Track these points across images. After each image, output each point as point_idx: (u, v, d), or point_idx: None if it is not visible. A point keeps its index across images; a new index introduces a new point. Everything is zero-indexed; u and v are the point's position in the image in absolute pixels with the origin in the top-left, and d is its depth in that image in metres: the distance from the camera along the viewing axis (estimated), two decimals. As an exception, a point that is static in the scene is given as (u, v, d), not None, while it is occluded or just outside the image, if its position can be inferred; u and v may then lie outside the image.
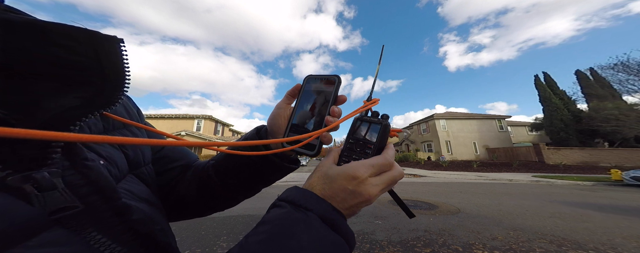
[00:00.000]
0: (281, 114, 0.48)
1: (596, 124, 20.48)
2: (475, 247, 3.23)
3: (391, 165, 0.36)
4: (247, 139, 0.49)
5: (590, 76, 25.19)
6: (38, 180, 0.22)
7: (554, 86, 26.21)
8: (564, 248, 3.19)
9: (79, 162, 0.26)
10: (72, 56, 0.23)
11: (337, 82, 0.45)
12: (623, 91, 21.95)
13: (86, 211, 0.25)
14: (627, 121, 19.08)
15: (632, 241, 3.42)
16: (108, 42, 0.25)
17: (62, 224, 0.23)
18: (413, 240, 3.46)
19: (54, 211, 0.23)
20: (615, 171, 11.09)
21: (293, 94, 0.49)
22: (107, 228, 0.27)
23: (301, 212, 0.30)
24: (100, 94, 0.26)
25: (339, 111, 0.43)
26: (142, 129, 0.45)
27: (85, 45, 0.24)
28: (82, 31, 0.23)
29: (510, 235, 3.71)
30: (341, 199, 0.33)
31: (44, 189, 0.22)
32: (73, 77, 0.24)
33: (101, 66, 0.25)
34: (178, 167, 0.53)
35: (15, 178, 0.21)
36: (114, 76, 0.26)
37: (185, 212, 0.53)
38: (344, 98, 0.46)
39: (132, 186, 0.36)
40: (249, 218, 4.60)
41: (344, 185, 0.33)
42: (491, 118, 28.19)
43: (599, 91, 22.95)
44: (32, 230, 0.21)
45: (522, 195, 7.48)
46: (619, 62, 21.32)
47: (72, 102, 0.24)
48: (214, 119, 25.84)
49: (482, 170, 18.22)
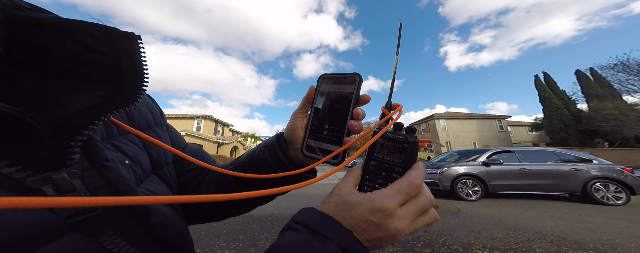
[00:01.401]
0: (297, 124, 0.46)
1: (596, 124, 20.50)
2: (475, 247, 3.23)
3: (418, 187, 0.29)
4: (268, 146, 0.49)
5: (590, 76, 25.21)
6: (57, 181, 0.21)
7: (554, 86, 26.23)
8: (564, 248, 3.19)
9: (98, 163, 0.26)
10: (91, 54, 0.22)
11: (358, 81, 0.40)
12: (623, 91, 22.00)
13: (104, 215, 0.24)
14: (627, 121, 19.10)
15: (632, 241, 3.42)
16: (126, 39, 0.25)
17: (79, 229, 0.23)
18: (413, 240, 3.47)
19: (72, 214, 0.22)
20: (615, 171, 11.07)
21: (309, 100, 0.45)
22: (126, 232, 0.26)
23: (319, 240, 0.27)
24: (119, 92, 0.25)
25: (363, 113, 0.39)
26: (164, 130, 0.46)
27: (103, 42, 0.23)
28: (101, 28, 0.23)
29: (510, 235, 3.72)
30: (362, 230, 0.29)
31: (63, 191, 0.21)
32: (92, 75, 0.23)
33: (119, 64, 0.24)
34: (195, 169, 0.53)
35: (34, 180, 0.20)
36: (132, 73, 0.26)
37: (203, 216, 0.52)
38: (367, 98, 0.40)
39: (154, 187, 0.36)
40: (249, 218, 4.60)
41: (366, 216, 0.29)
42: (491, 118, 28.21)
43: (599, 91, 22.97)
44: (49, 236, 0.20)
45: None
46: (619, 62, 21.36)
47: (91, 100, 0.23)
48: (214, 119, 25.85)
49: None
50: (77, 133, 0.23)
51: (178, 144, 0.52)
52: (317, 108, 0.44)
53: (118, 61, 0.24)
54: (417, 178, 0.30)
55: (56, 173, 0.21)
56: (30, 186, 0.20)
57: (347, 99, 0.40)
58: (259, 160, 0.48)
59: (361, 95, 0.40)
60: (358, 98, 0.40)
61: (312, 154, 0.42)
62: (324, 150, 0.41)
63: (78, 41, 0.21)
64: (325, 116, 0.42)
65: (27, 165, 0.20)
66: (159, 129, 0.44)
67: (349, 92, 0.40)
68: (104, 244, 0.24)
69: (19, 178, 0.20)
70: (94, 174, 0.25)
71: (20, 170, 0.20)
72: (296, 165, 0.47)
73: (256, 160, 0.49)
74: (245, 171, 0.49)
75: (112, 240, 0.24)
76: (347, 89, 0.40)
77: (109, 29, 0.23)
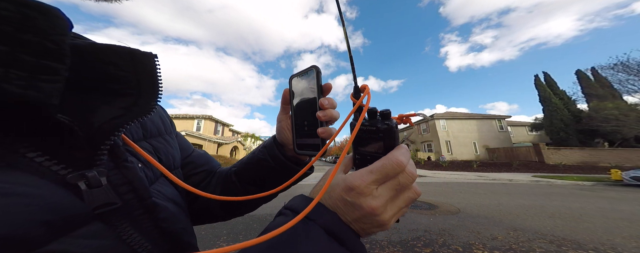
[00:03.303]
0: (283, 126, 0.50)
1: (596, 124, 20.48)
2: (475, 247, 3.23)
3: (398, 166, 0.29)
4: (266, 147, 0.53)
5: (590, 75, 25.20)
6: (89, 178, 0.25)
7: (554, 86, 26.22)
8: (564, 248, 3.19)
9: (120, 163, 0.30)
10: (118, 72, 0.27)
11: (315, 73, 0.41)
12: (623, 91, 21.96)
13: (123, 208, 0.28)
14: (627, 121, 19.09)
15: (632, 241, 3.42)
16: (145, 58, 0.29)
17: (102, 218, 0.26)
18: (413, 240, 3.46)
19: (98, 206, 0.26)
20: (615, 171, 11.10)
21: (286, 102, 0.48)
22: (138, 224, 0.29)
23: (303, 221, 0.29)
24: (136, 104, 0.29)
25: (330, 102, 0.40)
26: (173, 137, 0.51)
27: (127, 61, 0.28)
28: (125, 49, 0.28)
29: (510, 235, 3.72)
30: (343, 211, 0.30)
31: (93, 186, 0.25)
32: (118, 89, 0.28)
33: (138, 80, 0.29)
34: (202, 172, 0.57)
35: (73, 176, 0.24)
36: (148, 88, 0.30)
37: (211, 216, 0.56)
38: (329, 86, 0.42)
39: (163, 188, 0.39)
40: (248, 218, 4.60)
41: (341, 195, 0.30)
42: (491, 118, 28.20)
43: (599, 91, 22.94)
44: (80, 222, 0.24)
45: (522, 195, 7.48)
46: (619, 62, 21.33)
47: (116, 112, 0.28)
48: (214, 119, 25.84)
49: (482, 170, 18.23)
50: (106, 138, 0.27)
51: (186, 150, 0.57)
52: (296, 108, 0.46)
53: (137, 77, 0.29)
54: (396, 157, 0.29)
55: (89, 171, 0.25)
56: (69, 181, 0.24)
57: (312, 92, 0.42)
58: (259, 160, 0.52)
59: (324, 85, 0.41)
60: (320, 88, 0.41)
61: (304, 152, 0.44)
62: (311, 145, 0.43)
63: (109, 61, 0.27)
64: (302, 113, 0.44)
65: (69, 164, 0.25)
66: (168, 137, 0.48)
67: (312, 86, 0.41)
68: (120, 233, 0.27)
69: (62, 174, 0.24)
70: (117, 173, 0.29)
71: (63, 168, 0.24)
72: (295, 162, 0.51)
73: (256, 160, 0.53)
74: (247, 170, 0.54)
75: (126, 231, 0.28)
76: (311, 84, 0.42)
77: (132, 50, 0.28)
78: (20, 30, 0.20)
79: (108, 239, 0.26)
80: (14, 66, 0.20)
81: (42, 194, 0.22)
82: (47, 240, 0.21)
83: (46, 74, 0.21)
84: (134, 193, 0.30)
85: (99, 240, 0.25)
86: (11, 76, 0.19)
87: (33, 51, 0.21)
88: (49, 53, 0.21)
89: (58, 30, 0.22)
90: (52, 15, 0.22)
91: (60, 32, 0.22)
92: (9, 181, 0.21)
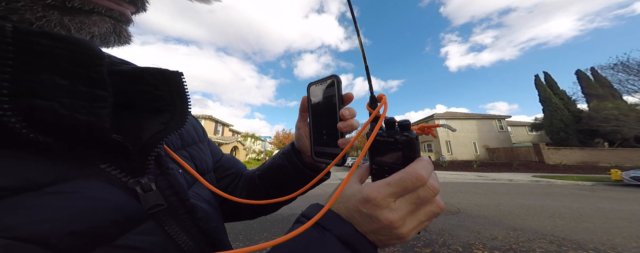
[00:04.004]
0: (302, 134, 0.52)
1: (596, 124, 20.47)
2: (475, 247, 3.23)
3: (418, 179, 0.28)
4: (285, 154, 0.56)
5: (590, 76, 25.18)
6: (143, 183, 0.29)
7: (554, 86, 26.21)
8: (564, 248, 3.19)
9: (164, 171, 0.34)
10: (155, 91, 0.31)
11: (336, 83, 0.41)
12: (623, 91, 21.93)
13: (168, 209, 0.32)
14: (627, 121, 19.08)
15: (632, 241, 3.42)
16: (174, 76, 0.33)
17: (154, 217, 0.30)
18: (413, 240, 3.46)
19: (150, 207, 0.30)
20: (615, 171, 11.10)
21: (304, 110, 0.49)
22: (181, 223, 0.33)
23: (318, 230, 0.30)
24: (173, 118, 0.33)
25: (351, 113, 0.40)
26: (206, 145, 0.56)
27: (161, 81, 0.32)
28: (158, 70, 0.32)
29: (510, 235, 3.72)
30: (359, 222, 0.30)
31: (146, 190, 0.30)
32: (157, 107, 0.32)
33: (172, 96, 0.33)
34: (230, 175, 0.62)
35: (132, 182, 0.29)
36: (180, 103, 0.34)
37: (239, 215, 0.61)
38: (350, 96, 0.42)
39: (200, 190, 0.43)
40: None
41: (357, 206, 0.30)
42: (491, 118, 28.19)
43: (599, 91, 22.91)
44: (138, 221, 0.28)
45: (522, 195, 7.48)
46: (619, 62, 21.30)
47: (158, 127, 0.32)
48: (214, 119, 25.84)
49: (482, 170, 18.23)
50: (152, 150, 0.31)
51: (216, 155, 0.62)
52: (314, 116, 0.46)
53: (171, 95, 0.33)
54: (416, 170, 0.28)
55: (142, 178, 0.30)
56: (129, 187, 0.29)
57: (332, 102, 0.41)
58: (278, 165, 0.56)
59: (344, 94, 0.41)
60: (341, 98, 0.41)
61: (322, 160, 0.45)
62: (329, 154, 0.43)
63: (148, 82, 0.31)
64: (321, 122, 0.45)
65: (128, 172, 0.29)
66: (202, 145, 0.53)
67: (332, 95, 0.41)
68: (167, 230, 0.31)
69: (124, 181, 0.29)
70: (162, 179, 0.33)
71: (124, 176, 0.29)
72: (311, 168, 0.53)
73: (276, 165, 0.57)
74: (268, 174, 0.59)
75: (172, 228, 0.31)
76: (330, 92, 0.42)
77: (163, 70, 0.32)
78: (74, 64, 0.23)
79: (159, 236, 0.29)
80: (77, 97, 0.23)
81: (112, 198, 0.26)
82: (116, 236, 0.25)
83: (99, 102, 0.24)
84: (176, 196, 0.33)
85: (152, 236, 0.29)
86: (77, 106, 0.23)
87: (84, 82, 0.24)
88: (96, 83, 0.24)
89: (97, 61, 0.25)
90: (89, 48, 0.24)
91: (99, 63, 0.25)
92: (91, 187, 0.25)
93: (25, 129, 0.21)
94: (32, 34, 0.21)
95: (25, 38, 0.21)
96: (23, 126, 0.21)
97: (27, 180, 0.22)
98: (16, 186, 0.21)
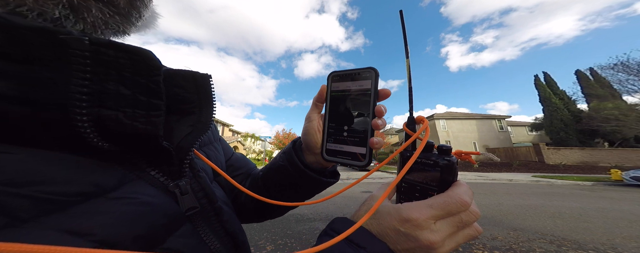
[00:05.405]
0: (313, 127, 0.45)
1: (596, 124, 20.45)
2: (475, 247, 3.23)
3: (462, 205, 0.28)
4: (285, 153, 0.51)
5: (590, 76, 25.17)
6: (181, 186, 0.31)
7: (554, 86, 26.19)
8: (564, 248, 3.19)
9: (196, 173, 0.35)
10: (185, 93, 0.32)
11: (374, 76, 0.36)
12: (623, 91, 21.92)
13: (201, 211, 0.33)
14: (627, 121, 19.06)
15: (632, 241, 3.42)
16: (203, 79, 0.33)
17: (191, 219, 0.31)
18: (413, 240, 3.47)
19: (187, 209, 0.30)
20: (615, 171, 11.08)
21: (321, 100, 0.44)
22: (211, 225, 0.33)
23: (353, 248, 0.28)
24: (200, 120, 0.33)
25: (385, 110, 0.37)
26: (219, 143, 0.56)
27: (191, 83, 0.32)
28: (188, 73, 0.32)
29: (510, 235, 3.71)
30: (394, 241, 0.29)
31: (183, 192, 0.31)
32: (185, 109, 0.32)
33: (199, 99, 0.33)
34: (240, 175, 0.61)
35: (173, 185, 0.30)
36: (207, 106, 0.34)
37: (246, 217, 0.58)
38: (387, 92, 0.37)
39: (217, 191, 0.43)
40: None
41: (394, 225, 0.29)
42: (491, 118, 28.18)
43: (599, 91, 22.90)
44: (179, 224, 0.29)
45: (522, 195, 7.48)
46: (618, 62, 21.29)
47: (187, 129, 0.32)
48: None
49: (482, 170, 18.22)
50: (186, 153, 0.32)
51: (227, 153, 0.60)
52: (332, 109, 0.41)
53: (199, 97, 0.33)
54: (460, 195, 0.28)
55: (180, 180, 0.31)
56: (169, 189, 0.30)
57: (365, 96, 0.37)
58: (279, 166, 0.51)
59: (380, 90, 0.37)
60: (377, 93, 0.37)
61: (335, 158, 0.40)
62: (346, 153, 0.39)
63: (178, 84, 0.31)
64: (343, 117, 0.39)
65: (168, 175, 0.30)
66: (216, 144, 0.53)
67: (366, 88, 0.37)
68: (200, 232, 0.31)
69: (166, 184, 0.30)
70: (195, 181, 0.34)
71: (165, 179, 0.30)
72: (312, 169, 0.48)
73: (277, 166, 0.52)
74: (270, 175, 0.54)
75: (204, 230, 0.32)
76: (364, 86, 0.37)
77: (193, 73, 0.32)
78: (135, 74, 0.24)
79: (194, 238, 0.30)
80: (137, 107, 0.24)
81: (158, 202, 0.27)
82: (164, 239, 0.26)
83: (154, 110, 0.25)
84: (206, 199, 0.34)
85: (190, 239, 0.29)
86: (137, 115, 0.24)
87: (143, 91, 0.24)
88: (153, 92, 0.25)
89: (156, 71, 0.25)
90: (149, 58, 0.25)
91: (157, 73, 0.25)
92: (139, 192, 0.26)
93: (96, 137, 0.22)
94: (102, 44, 0.22)
95: (97, 49, 0.21)
96: (95, 134, 0.22)
97: (96, 185, 0.23)
98: (88, 192, 0.22)
